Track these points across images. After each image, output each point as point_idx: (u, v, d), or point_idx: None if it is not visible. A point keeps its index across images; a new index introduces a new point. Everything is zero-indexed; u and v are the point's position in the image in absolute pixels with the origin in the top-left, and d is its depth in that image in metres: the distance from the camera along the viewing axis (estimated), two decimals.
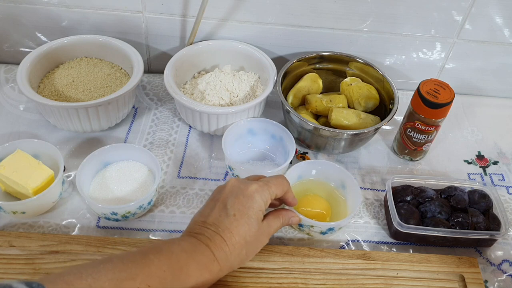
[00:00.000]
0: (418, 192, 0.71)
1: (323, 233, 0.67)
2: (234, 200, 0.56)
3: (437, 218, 0.68)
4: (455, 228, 0.67)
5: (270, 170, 0.71)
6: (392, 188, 0.70)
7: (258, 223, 0.56)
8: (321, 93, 0.84)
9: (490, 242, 0.69)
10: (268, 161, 0.76)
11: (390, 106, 0.78)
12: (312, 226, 0.66)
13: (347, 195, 0.71)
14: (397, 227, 0.66)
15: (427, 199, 0.70)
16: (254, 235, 0.56)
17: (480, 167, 0.81)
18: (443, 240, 0.68)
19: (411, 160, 0.81)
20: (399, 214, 0.67)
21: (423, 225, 0.67)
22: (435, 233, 0.66)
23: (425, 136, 0.75)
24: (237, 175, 0.73)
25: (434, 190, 0.72)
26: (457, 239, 0.68)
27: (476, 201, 0.70)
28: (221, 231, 0.54)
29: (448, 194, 0.71)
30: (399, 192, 0.71)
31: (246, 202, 0.56)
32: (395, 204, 0.68)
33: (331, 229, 0.66)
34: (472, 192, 0.72)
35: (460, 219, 0.68)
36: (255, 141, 0.78)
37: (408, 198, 0.70)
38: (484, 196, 0.71)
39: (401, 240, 0.70)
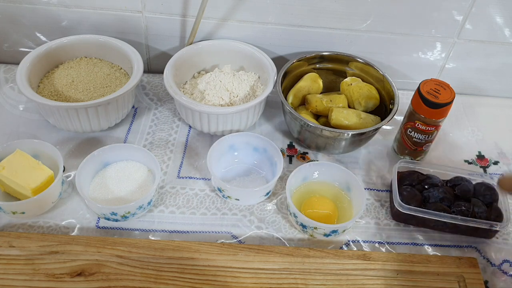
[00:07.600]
0: (424, 178, 0.72)
1: (326, 235, 0.67)
2: None
3: (439, 204, 0.69)
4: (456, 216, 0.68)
5: (258, 187, 0.71)
6: (399, 172, 0.72)
7: None
8: (321, 93, 0.84)
9: (490, 234, 0.69)
10: (254, 175, 0.75)
11: (391, 106, 0.78)
12: (315, 228, 0.65)
13: (352, 196, 0.71)
14: (397, 208, 0.67)
15: (431, 185, 0.71)
16: None
17: (481, 167, 0.81)
18: (443, 225, 0.68)
19: (412, 160, 0.81)
20: (400, 195, 0.68)
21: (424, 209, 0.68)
22: (434, 217, 0.66)
23: (425, 136, 0.75)
24: (228, 196, 0.71)
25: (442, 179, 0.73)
26: (457, 226, 0.68)
27: (482, 193, 0.71)
28: None
29: (454, 184, 0.72)
30: (406, 177, 0.72)
31: None
32: (399, 187, 0.69)
33: (334, 232, 0.66)
34: (479, 184, 0.72)
35: (461, 208, 0.68)
36: (239, 156, 0.76)
37: (413, 183, 0.71)
38: (490, 189, 0.71)
39: (400, 221, 0.71)
